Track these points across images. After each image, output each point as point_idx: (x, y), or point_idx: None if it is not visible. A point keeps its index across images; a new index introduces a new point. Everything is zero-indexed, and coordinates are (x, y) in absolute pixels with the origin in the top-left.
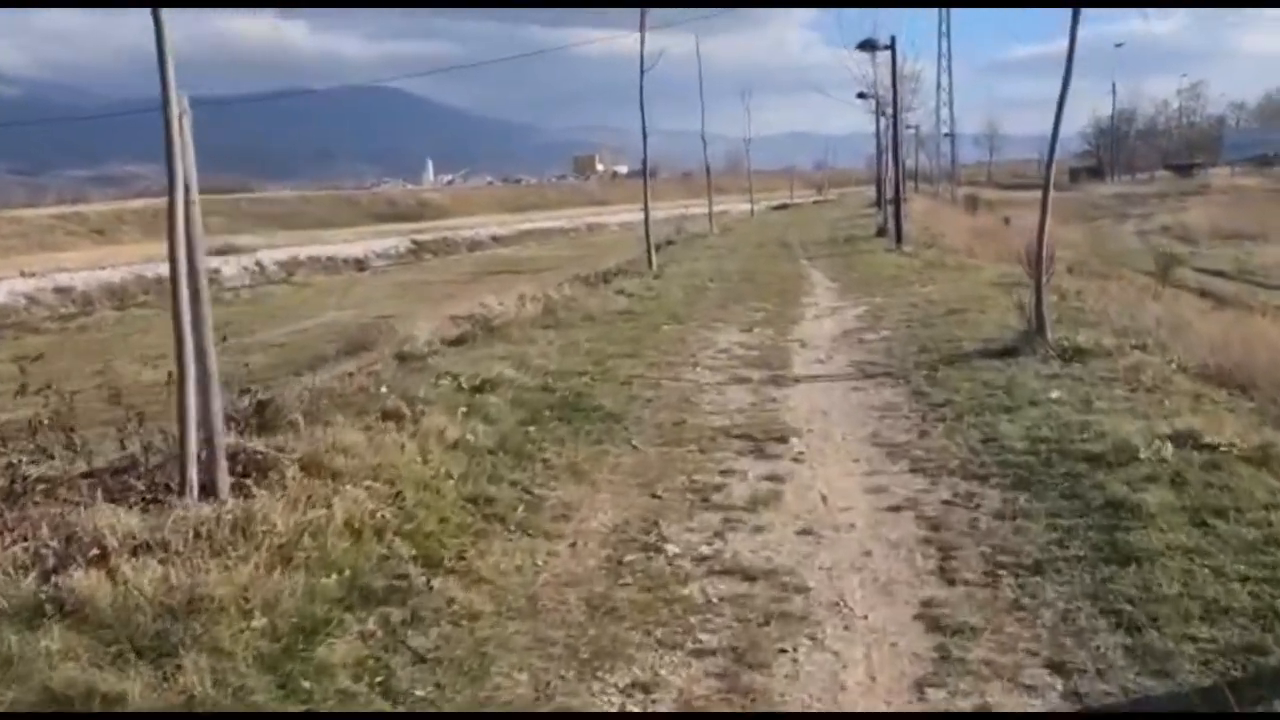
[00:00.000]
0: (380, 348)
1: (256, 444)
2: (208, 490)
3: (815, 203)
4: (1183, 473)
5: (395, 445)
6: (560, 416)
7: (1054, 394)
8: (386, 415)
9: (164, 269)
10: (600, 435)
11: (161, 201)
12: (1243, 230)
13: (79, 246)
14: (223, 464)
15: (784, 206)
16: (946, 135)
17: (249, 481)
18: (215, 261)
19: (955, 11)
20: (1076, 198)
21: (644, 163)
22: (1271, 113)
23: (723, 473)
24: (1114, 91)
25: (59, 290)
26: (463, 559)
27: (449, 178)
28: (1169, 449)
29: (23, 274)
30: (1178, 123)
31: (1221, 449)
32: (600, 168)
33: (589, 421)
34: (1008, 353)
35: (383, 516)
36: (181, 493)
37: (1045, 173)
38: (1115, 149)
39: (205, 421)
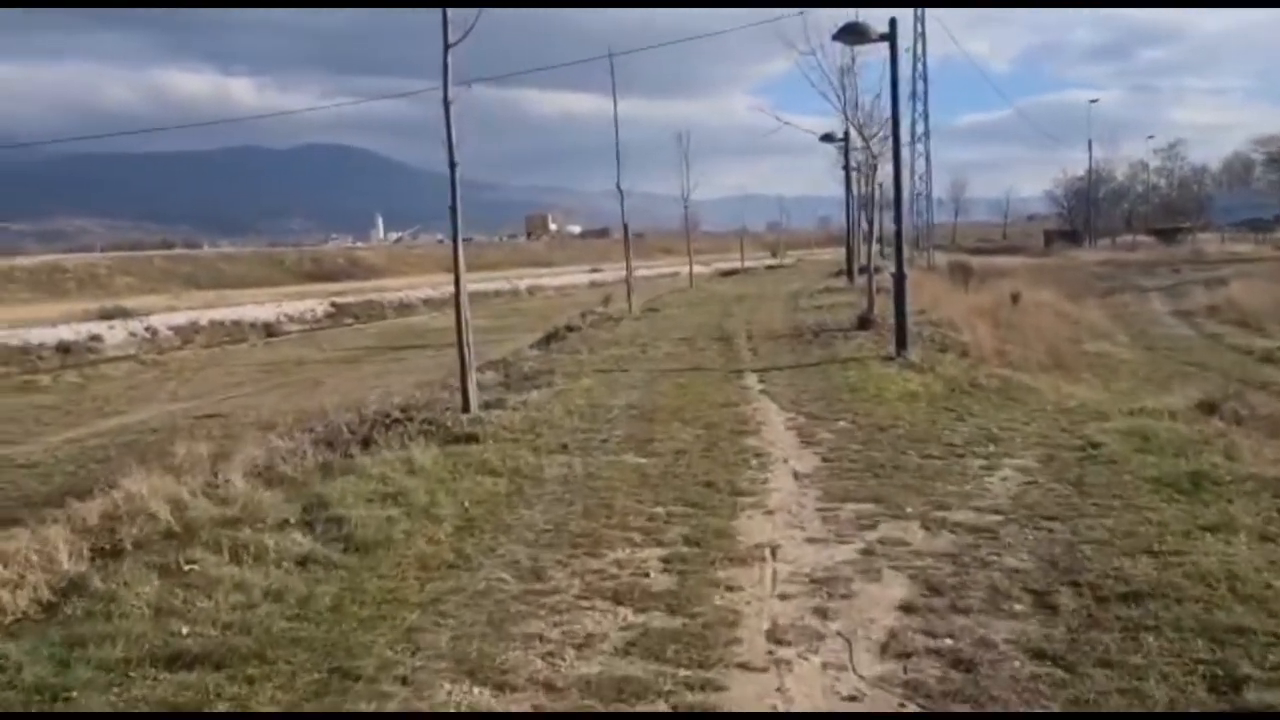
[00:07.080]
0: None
1: None
2: None
3: (769, 268)
4: None
5: None
6: None
7: None
8: None
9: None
10: None
11: None
12: None
13: None
14: None
15: (733, 273)
16: (920, 195)
17: None
18: (98, 327)
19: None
20: (1062, 265)
21: (454, 209)
22: (1236, 174)
23: None
24: (1090, 150)
25: None
26: None
27: (398, 235)
28: None
29: None
30: (1154, 185)
31: None
32: (553, 227)
33: None
34: None
35: None
36: None
37: None
38: (1092, 211)
39: None
